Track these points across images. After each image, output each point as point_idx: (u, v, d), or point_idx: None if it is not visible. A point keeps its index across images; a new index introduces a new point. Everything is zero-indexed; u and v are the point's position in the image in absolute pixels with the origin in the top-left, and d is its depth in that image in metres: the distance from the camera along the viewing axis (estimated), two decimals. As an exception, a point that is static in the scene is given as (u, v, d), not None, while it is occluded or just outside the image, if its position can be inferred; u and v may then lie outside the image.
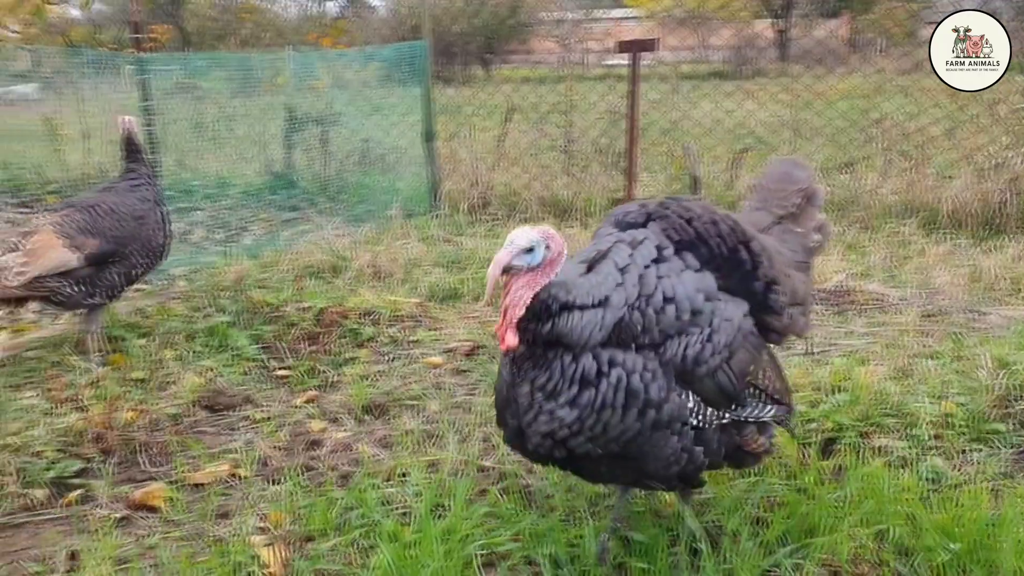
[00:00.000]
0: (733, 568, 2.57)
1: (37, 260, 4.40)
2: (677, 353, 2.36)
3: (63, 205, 4.73)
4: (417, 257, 6.43)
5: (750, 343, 2.52)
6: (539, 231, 2.31)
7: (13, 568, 2.95)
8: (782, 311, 2.62)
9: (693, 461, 2.43)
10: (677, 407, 2.35)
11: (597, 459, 2.42)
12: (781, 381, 2.68)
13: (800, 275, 2.80)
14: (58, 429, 3.70)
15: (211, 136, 10.32)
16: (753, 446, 2.59)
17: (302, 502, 3.15)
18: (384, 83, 10.47)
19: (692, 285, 2.43)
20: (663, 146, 9.57)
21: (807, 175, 2.97)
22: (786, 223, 2.92)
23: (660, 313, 2.36)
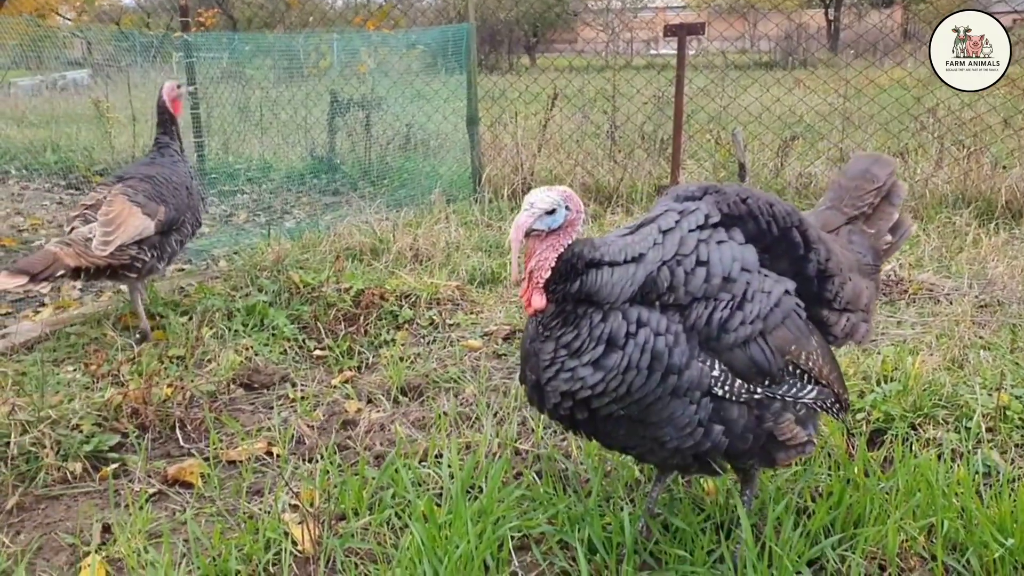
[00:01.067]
0: (775, 558, 2.47)
1: (120, 228, 4.42)
2: (702, 316, 2.30)
3: (116, 178, 4.75)
4: (457, 241, 6.38)
5: (793, 323, 2.42)
6: (558, 191, 2.30)
7: (48, 540, 2.96)
8: (838, 304, 2.55)
9: (709, 436, 2.35)
10: (698, 374, 2.29)
11: (616, 421, 2.38)
12: (834, 372, 2.56)
13: (865, 280, 2.69)
14: (96, 403, 3.71)
15: (256, 120, 10.40)
16: (787, 436, 2.46)
17: (335, 480, 3.11)
18: (428, 70, 10.46)
19: (729, 254, 2.37)
20: (709, 133, 9.41)
21: (887, 172, 2.83)
22: (857, 223, 2.80)
23: (690, 274, 2.31)
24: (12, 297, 5.57)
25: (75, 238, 4.34)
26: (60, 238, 4.37)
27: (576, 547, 2.54)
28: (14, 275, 4.06)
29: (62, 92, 17.04)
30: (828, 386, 2.52)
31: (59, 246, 4.28)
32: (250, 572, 2.65)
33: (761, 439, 2.44)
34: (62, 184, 9.79)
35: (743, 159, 7.60)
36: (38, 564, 2.82)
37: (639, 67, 13.15)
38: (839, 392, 2.57)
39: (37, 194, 9.35)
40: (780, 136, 8.74)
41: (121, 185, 4.61)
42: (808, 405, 2.51)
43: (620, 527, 2.63)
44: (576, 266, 2.30)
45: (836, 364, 2.60)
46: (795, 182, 7.85)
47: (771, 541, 2.49)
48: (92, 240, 4.32)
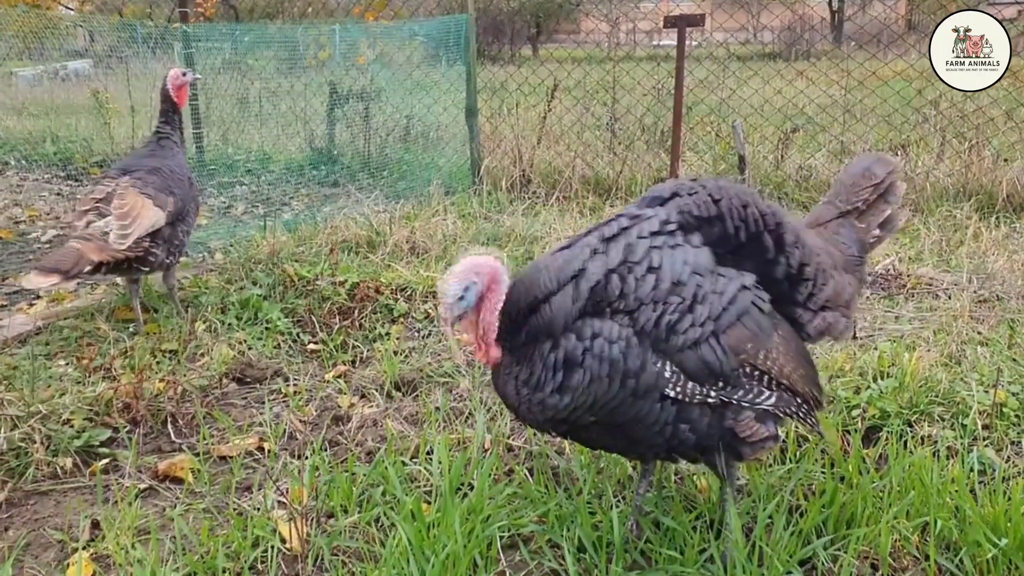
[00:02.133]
0: (766, 558, 2.45)
1: (136, 221, 4.41)
2: (650, 319, 2.32)
3: (119, 170, 4.72)
4: (455, 233, 6.36)
5: (751, 319, 2.40)
6: (460, 272, 2.39)
7: (37, 536, 2.95)
8: (813, 305, 2.55)
9: (678, 436, 2.40)
10: (653, 377, 2.32)
11: (589, 427, 2.45)
12: (800, 369, 2.51)
13: (848, 276, 2.68)
14: (88, 398, 3.69)
15: (255, 111, 10.36)
16: (747, 433, 2.46)
17: (325, 478, 3.09)
18: (428, 61, 10.41)
19: (681, 258, 2.38)
20: (710, 125, 9.36)
21: (886, 171, 2.82)
22: (849, 218, 2.80)
23: (640, 280, 2.34)
24: (7, 289, 5.55)
25: (93, 232, 4.32)
26: (78, 233, 4.34)
27: (565, 546, 2.52)
28: (47, 274, 4.04)
29: (63, 83, 16.98)
30: (790, 387, 2.48)
31: (80, 242, 4.26)
32: (237, 570, 2.63)
33: (726, 436, 2.45)
34: (61, 175, 9.76)
35: (743, 151, 7.55)
36: (26, 561, 2.81)
37: (640, 58, 13.07)
38: (805, 391, 2.52)
39: (36, 185, 9.32)
40: (781, 128, 8.68)
41: (129, 178, 4.58)
42: (768, 411, 2.48)
43: (610, 526, 2.61)
44: (519, 315, 2.40)
45: (803, 360, 2.55)
46: (795, 174, 7.81)
47: (762, 541, 2.47)
48: (110, 234, 4.31)
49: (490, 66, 12.89)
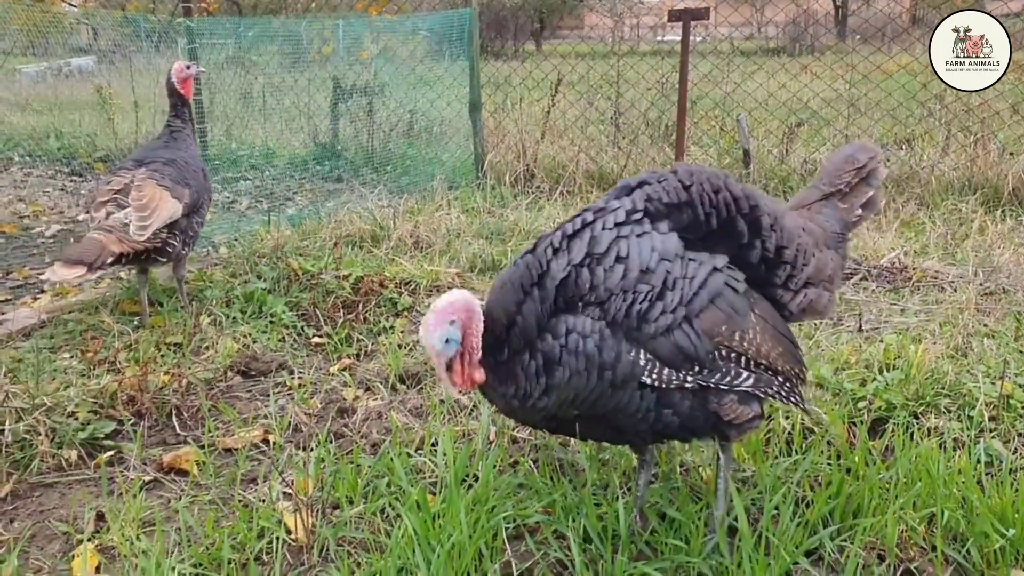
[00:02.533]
0: (772, 548, 2.44)
1: (155, 212, 4.43)
2: (621, 309, 2.33)
3: (135, 162, 4.73)
4: (458, 228, 6.34)
5: (725, 300, 2.41)
6: (436, 322, 2.39)
7: (42, 528, 2.95)
8: (793, 285, 2.58)
9: (662, 420, 2.43)
10: (629, 367, 2.35)
11: (574, 420, 2.49)
12: (779, 347, 2.51)
13: (830, 252, 2.70)
14: (92, 390, 3.69)
15: (259, 106, 10.35)
16: (731, 416, 2.48)
17: (330, 469, 3.09)
18: (431, 56, 10.39)
19: (648, 245, 2.39)
20: (714, 119, 9.34)
21: (868, 156, 2.87)
22: (832, 199, 2.84)
23: (608, 271, 2.36)
24: (11, 283, 5.56)
25: (113, 224, 4.33)
26: (97, 225, 4.34)
27: (571, 537, 2.52)
28: (72, 265, 4.06)
29: (67, 79, 16.98)
30: (770, 367, 2.48)
31: (101, 233, 4.27)
32: (243, 561, 2.63)
33: (711, 419, 2.48)
34: (65, 171, 9.76)
35: (747, 145, 7.54)
36: (31, 552, 2.80)
37: (644, 53, 13.05)
38: (786, 368, 2.53)
39: (40, 181, 9.33)
40: (785, 122, 8.66)
41: (146, 169, 4.59)
42: (748, 392, 2.49)
43: (615, 517, 2.60)
44: (500, 336, 2.46)
45: (783, 337, 2.56)
46: (800, 168, 7.79)
47: (768, 531, 2.46)
48: (129, 225, 4.31)
49: (493, 62, 12.87)
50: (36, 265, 6.01)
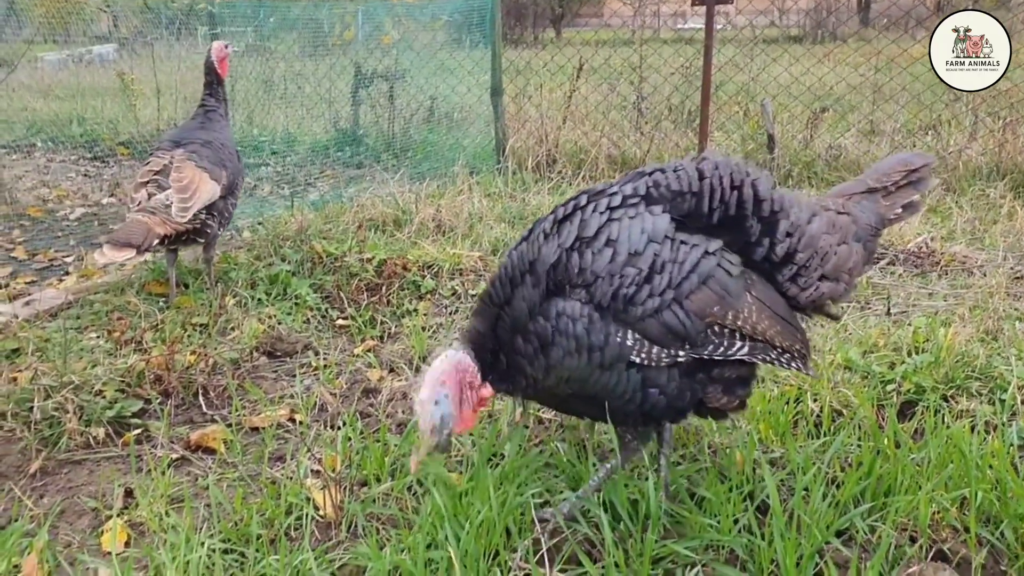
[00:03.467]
0: (804, 527, 2.42)
1: (196, 194, 4.46)
2: (607, 293, 2.36)
3: (172, 143, 4.74)
4: (480, 212, 6.33)
5: (717, 282, 2.41)
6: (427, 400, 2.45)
7: (71, 503, 2.97)
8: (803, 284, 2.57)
9: (648, 400, 2.45)
10: (617, 348, 2.38)
11: (567, 398, 2.57)
12: (776, 325, 2.50)
13: (856, 245, 2.67)
14: (119, 369, 3.71)
15: (280, 93, 10.35)
16: (715, 405, 2.56)
17: (357, 447, 3.09)
18: (452, 43, 10.35)
19: (639, 227, 2.40)
20: (738, 104, 9.27)
21: (923, 163, 2.86)
22: (876, 195, 2.82)
23: (596, 255, 2.38)
24: (37, 265, 5.60)
25: (155, 205, 4.34)
26: (141, 206, 4.36)
27: (600, 515, 2.50)
28: (120, 248, 4.08)
29: (88, 67, 17.06)
30: (766, 341, 2.48)
31: (145, 215, 4.29)
32: (272, 536, 2.63)
33: (695, 404, 2.54)
34: (87, 156, 9.82)
35: (772, 130, 7.48)
36: (61, 527, 2.82)
37: (665, 41, 12.96)
38: (785, 345, 2.52)
39: (63, 166, 9.38)
40: (810, 108, 8.58)
41: (183, 151, 4.61)
42: (744, 361, 2.51)
43: (643, 495, 2.58)
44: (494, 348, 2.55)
45: (783, 320, 2.53)
46: (825, 154, 7.71)
47: (800, 510, 2.44)
48: (171, 207, 4.33)
49: (513, 49, 12.82)
50: (61, 248, 6.05)
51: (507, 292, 2.50)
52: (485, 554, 2.41)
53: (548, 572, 2.39)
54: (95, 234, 6.42)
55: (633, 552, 2.44)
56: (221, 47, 5.12)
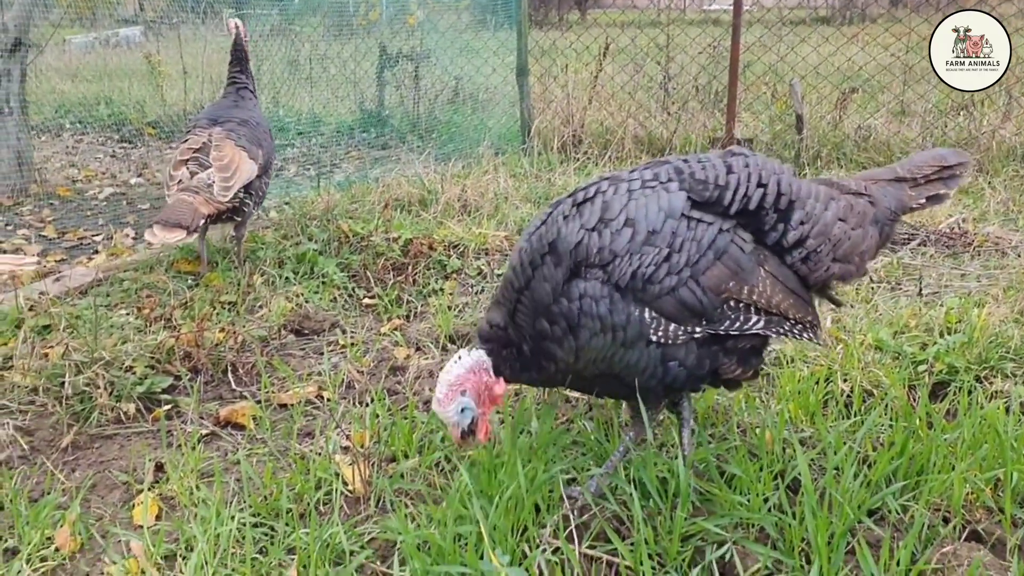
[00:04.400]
0: (836, 505, 2.40)
1: (237, 173, 4.49)
2: (626, 273, 2.36)
3: (209, 121, 4.74)
4: (506, 192, 6.31)
5: (731, 258, 2.43)
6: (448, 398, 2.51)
7: (102, 477, 3.00)
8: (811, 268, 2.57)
9: (669, 374, 2.47)
10: (638, 326, 2.39)
11: (591, 379, 2.56)
12: (789, 298, 2.52)
13: (872, 229, 2.67)
14: (149, 346, 3.73)
15: (305, 74, 10.35)
16: (729, 376, 2.59)
17: (385, 423, 3.10)
18: (477, 25, 10.31)
19: (656, 206, 2.41)
20: (766, 85, 9.16)
21: (958, 161, 2.85)
22: (903, 184, 2.81)
23: (616, 235, 2.39)
24: (67, 244, 5.64)
25: (198, 185, 4.36)
26: (184, 185, 4.37)
27: (629, 492, 2.49)
28: (171, 229, 4.11)
29: (115, 49, 17.15)
30: (780, 314, 2.50)
31: (190, 194, 4.32)
32: (301, 510, 2.65)
33: (711, 375, 2.56)
34: (115, 138, 9.88)
35: (801, 111, 7.39)
36: (93, 500, 2.85)
37: (690, 22, 12.82)
38: (798, 317, 2.54)
39: (91, 147, 9.46)
40: (839, 88, 8.47)
41: (221, 129, 4.62)
42: (758, 339, 2.55)
43: (672, 472, 2.57)
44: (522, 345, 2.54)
45: (795, 294, 2.55)
46: (854, 134, 7.61)
47: (831, 488, 2.42)
48: (213, 186, 4.34)
49: (537, 31, 12.74)
50: (90, 227, 6.10)
51: (527, 275, 2.48)
52: (514, 530, 2.41)
53: (577, 548, 2.38)
54: (123, 213, 6.47)
55: (662, 529, 2.43)
56: (239, 24, 5.10)
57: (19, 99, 6.83)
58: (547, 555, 2.33)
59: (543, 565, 2.30)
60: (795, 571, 2.30)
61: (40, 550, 2.53)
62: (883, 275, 4.63)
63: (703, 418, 3.11)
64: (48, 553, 2.53)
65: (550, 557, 2.33)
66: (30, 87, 7.26)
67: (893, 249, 5.07)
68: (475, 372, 2.54)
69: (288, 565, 2.38)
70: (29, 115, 7.19)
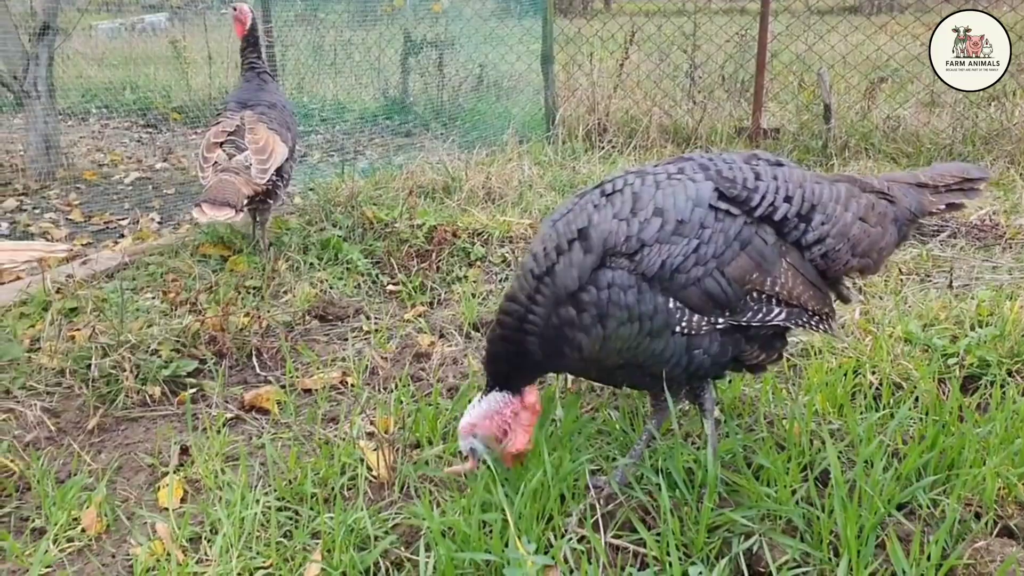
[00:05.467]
0: (865, 498, 2.37)
1: (272, 155, 4.52)
2: (655, 262, 2.35)
3: (238, 104, 4.75)
4: (530, 180, 6.28)
5: (755, 249, 2.43)
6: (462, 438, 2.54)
7: (128, 459, 3.01)
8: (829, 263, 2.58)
9: (694, 362, 2.47)
10: (664, 316, 2.38)
11: (615, 370, 2.54)
12: (809, 290, 2.52)
13: (891, 228, 2.70)
14: (175, 330, 3.75)
15: (330, 61, 10.35)
16: (754, 362, 2.60)
17: (409, 410, 3.09)
18: (501, 13, 10.26)
19: (683, 195, 2.41)
20: (793, 74, 9.06)
21: (979, 176, 2.91)
22: (924, 189, 2.84)
23: (645, 223, 2.37)
24: (93, 228, 5.68)
25: (237, 166, 4.37)
26: (224, 166, 4.39)
27: (656, 482, 2.47)
28: (220, 207, 4.14)
29: (140, 35, 17.24)
30: (800, 306, 2.51)
31: (230, 175, 4.33)
32: (325, 495, 2.65)
33: (734, 361, 2.57)
34: (140, 123, 9.94)
35: (829, 101, 7.31)
36: (118, 482, 2.87)
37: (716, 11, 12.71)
38: (816, 308, 2.55)
39: (117, 132, 9.51)
40: (867, 78, 8.37)
41: (253, 112, 4.62)
42: (779, 327, 2.54)
43: (698, 462, 2.55)
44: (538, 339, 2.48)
45: (813, 285, 2.55)
46: (883, 125, 7.52)
47: (861, 481, 2.39)
48: (250, 168, 4.36)
49: (562, 19, 12.66)
50: (116, 211, 6.13)
51: (550, 260, 2.43)
52: (539, 518, 2.40)
53: (602, 537, 2.37)
54: (149, 198, 6.50)
55: (688, 520, 2.41)
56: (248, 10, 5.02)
57: (47, 83, 6.87)
58: (572, 544, 2.32)
59: (568, 554, 2.29)
60: (823, 564, 2.27)
61: (67, 530, 2.55)
62: (912, 267, 4.57)
63: (730, 408, 3.09)
64: (75, 533, 2.55)
65: (575, 546, 2.32)
66: (57, 72, 7.32)
67: (923, 241, 5.01)
68: (490, 417, 2.52)
69: (313, 549, 2.38)
70: (56, 100, 7.24)
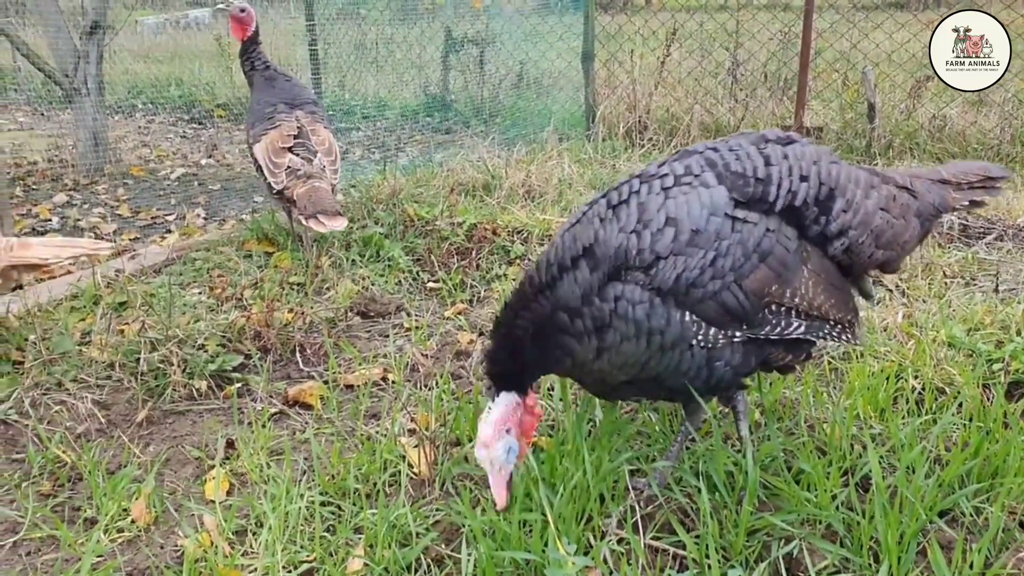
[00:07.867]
0: (907, 505, 2.36)
1: (336, 155, 4.65)
2: (669, 276, 2.27)
3: (287, 105, 4.77)
4: (570, 178, 6.28)
5: (776, 259, 2.35)
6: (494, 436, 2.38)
7: (175, 452, 3.08)
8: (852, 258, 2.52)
9: (715, 374, 2.40)
10: (679, 330, 2.31)
11: (625, 386, 2.49)
12: (832, 298, 2.46)
13: (915, 221, 2.64)
14: (221, 325, 3.82)
15: (371, 58, 10.43)
16: (780, 364, 2.54)
17: (450, 407, 3.12)
18: (542, 10, 10.27)
19: (697, 204, 2.31)
20: (836, 72, 8.96)
21: (1001, 175, 2.88)
22: (947, 186, 2.80)
23: (657, 235, 2.29)
24: (140, 223, 5.78)
25: (317, 171, 4.47)
26: (303, 172, 4.47)
27: (696, 484, 2.48)
28: (334, 217, 4.28)
29: (185, 31, 17.49)
30: (821, 317, 2.44)
31: (318, 181, 4.43)
32: (367, 491, 2.69)
33: (760, 365, 2.51)
34: (185, 119, 10.09)
35: (873, 99, 7.22)
36: (166, 474, 2.94)
37: (758, 7, 12.59)
38: (838, 317, 2.49)
39: (162, 127, 9.67)
40: (913, 76, 8.25)
41: (304, 112, 4.69)
42: (799, 339, 2.47)
43: (738, 466, 2.55)
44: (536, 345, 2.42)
45: (837, 289, 2.49)
46: (928, 124, 7.42)
47: (903, 487, 2.38)
48: (325, 169, 4.48)
49: (602, 15, 12.62)
50: (162, 207, 6.24)
51: (551, 274, 2.38)
52: (578, 518, 2.42)
53: (641, 539, 2.38)
54: (195, 194, 6.61)
55: (728, 523, 2.42)
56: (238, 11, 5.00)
57: (96, 80, 7.01)
58: (612, 544, 2.33)
59: (607, 555, 2.31)
60: (863, 570, 2.27)
61: (117, 521, 2.62)
62: (957, 270, 4.51)
63: (770, 412, 3.08)
64: (124, 524, 2.62)
65: (615, 547, 2.33)
66: (104, 68, 7.47)
67: (968, 243, 4.95)
68: (513, 411, 2.44)
69: (356, 544, 2.43)
70: (104, 96, 7.38)
